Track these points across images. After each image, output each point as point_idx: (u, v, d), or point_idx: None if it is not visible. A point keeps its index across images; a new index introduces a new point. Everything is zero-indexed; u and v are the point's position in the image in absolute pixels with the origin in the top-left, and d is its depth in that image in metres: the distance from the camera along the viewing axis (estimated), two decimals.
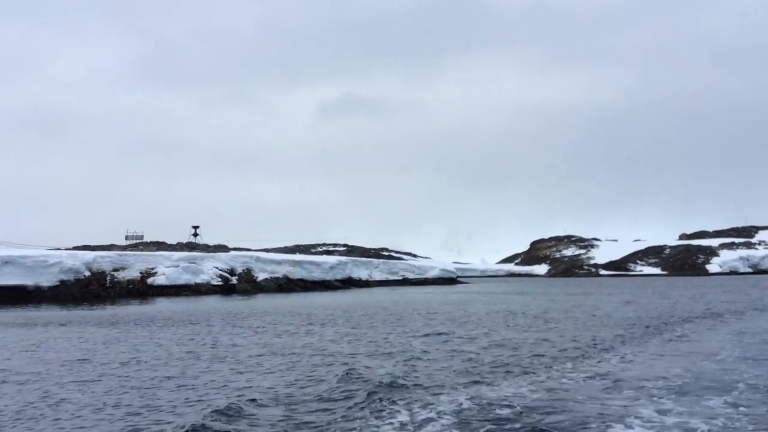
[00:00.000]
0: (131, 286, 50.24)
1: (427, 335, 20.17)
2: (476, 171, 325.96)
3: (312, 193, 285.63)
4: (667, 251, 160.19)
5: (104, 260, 48.40)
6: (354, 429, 8.71)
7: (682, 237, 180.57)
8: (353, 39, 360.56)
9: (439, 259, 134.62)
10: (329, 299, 46.92)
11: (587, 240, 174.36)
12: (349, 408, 9.82)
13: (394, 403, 10.04)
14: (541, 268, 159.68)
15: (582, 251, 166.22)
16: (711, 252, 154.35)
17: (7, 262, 42.26)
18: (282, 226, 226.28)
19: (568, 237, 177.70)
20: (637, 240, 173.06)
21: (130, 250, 58.28)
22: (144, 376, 12.89)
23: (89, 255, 47.80)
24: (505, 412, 9.49)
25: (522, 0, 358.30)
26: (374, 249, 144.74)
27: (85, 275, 46.55)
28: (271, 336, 20.34)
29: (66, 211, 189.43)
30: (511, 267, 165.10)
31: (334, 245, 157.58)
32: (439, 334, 20.46)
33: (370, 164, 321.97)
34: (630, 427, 8.71)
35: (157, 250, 59.76)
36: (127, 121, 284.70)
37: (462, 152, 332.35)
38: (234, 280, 56.45)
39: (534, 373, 12.73)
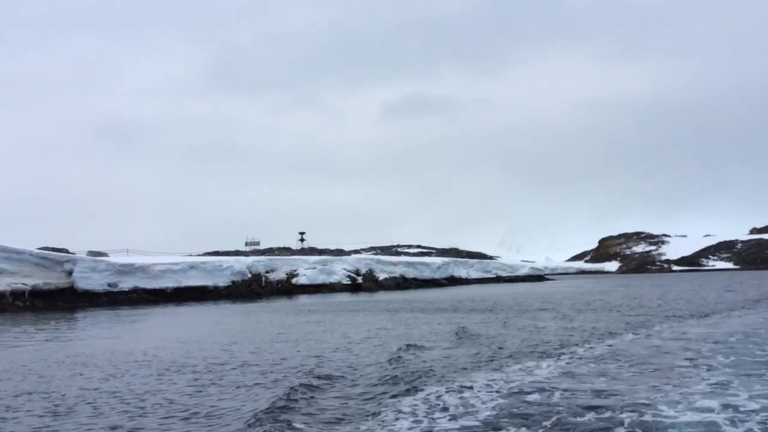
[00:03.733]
0: (279, 285, 58.67)
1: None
2: (540, 167, 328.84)
3: (379, 194, 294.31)
4: (739, 246, 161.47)
5: (259, 264, 56.98)
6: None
7: (753, 231, 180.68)
8: (418, 38, 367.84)
9: (506, 258, 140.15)
10: (465, 292, 53.71)
11: (657, 236, 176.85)
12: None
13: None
14: (612, 265, 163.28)
15: (652, 247, 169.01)
16: None
17: (192, 267, 51.06)
18: (352, 226, 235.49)
19: (638, 233, 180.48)
20: (707, 235, 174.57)
21: (268, 255, 66.98)
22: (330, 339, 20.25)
23: (249, 260, 56.51)
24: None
25: None
26: (444, 249, 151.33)
27: (247, 276, 55.15)
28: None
29: (140, 216, 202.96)
30: (581, 264, 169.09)
31: (409, 246, 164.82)
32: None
33: (435, 163, 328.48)
34: None
35: (291, 254, 68.35)
36: (197, 128, 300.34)
37: (527, 147, 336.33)
38: (359, 279, 64.37)
39: None
